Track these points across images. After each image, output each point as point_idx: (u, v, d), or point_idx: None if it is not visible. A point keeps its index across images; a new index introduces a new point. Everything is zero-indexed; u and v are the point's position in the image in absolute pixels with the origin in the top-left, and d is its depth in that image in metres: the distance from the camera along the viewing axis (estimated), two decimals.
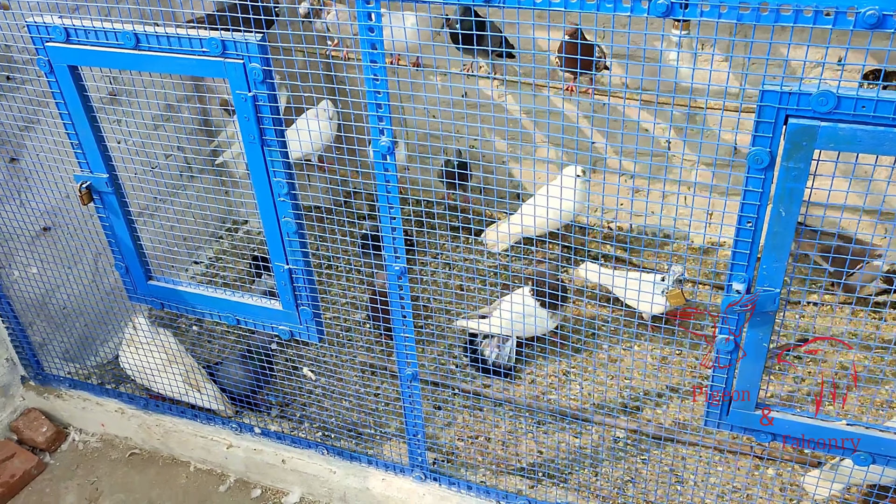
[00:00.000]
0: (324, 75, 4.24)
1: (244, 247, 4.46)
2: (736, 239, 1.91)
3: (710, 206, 3.99)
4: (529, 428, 3.28)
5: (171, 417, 3.38)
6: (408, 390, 2.75)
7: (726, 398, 2.20)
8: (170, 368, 3.21)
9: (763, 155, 1.76)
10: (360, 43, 2.02)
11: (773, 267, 1.89)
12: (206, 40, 2.13)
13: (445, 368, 3.59)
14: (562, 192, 3.56)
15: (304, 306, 2.63)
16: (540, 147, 4.22)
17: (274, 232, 2.47)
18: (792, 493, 2.96)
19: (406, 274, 2.45)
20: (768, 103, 1.69)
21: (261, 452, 3.22)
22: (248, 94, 2.17)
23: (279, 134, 2.25)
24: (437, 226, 4.34)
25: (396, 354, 2.67)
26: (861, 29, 1.54)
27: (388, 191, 2.28)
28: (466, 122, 4.08)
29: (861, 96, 1.62)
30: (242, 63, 2.13)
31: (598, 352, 3.63)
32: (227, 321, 2.80)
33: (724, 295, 2.00)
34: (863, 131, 1.65)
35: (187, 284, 2.84)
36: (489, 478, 3.02)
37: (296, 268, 2.53)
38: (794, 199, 1.78)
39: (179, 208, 4.03)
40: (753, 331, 2.03)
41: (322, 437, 3.22)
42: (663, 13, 1.66)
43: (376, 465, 3.09)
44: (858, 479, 2.59)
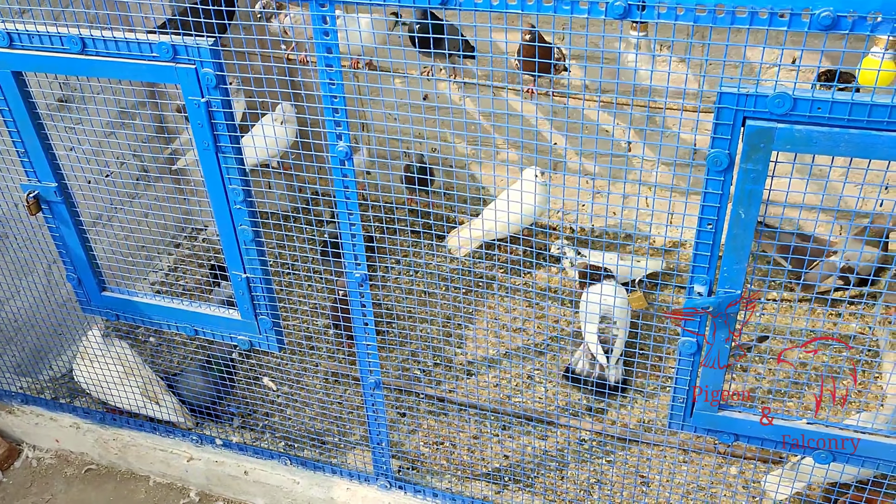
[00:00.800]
0: (280, 80, 4.19)
1: (204, 254, 4.38)
2: (696, 241, 1.91)
3: (671, 207, 4.02)
4: (495, 432, 3.26)
5: (128, 431, 3.29)
6: (371, 398, 2.71)
7: (691, 399, 2.21)
8: (127, 381, 3.13)
9: (722, 157, 1.76)
10: (314, 46, 1.98)
11: (734, 269, 1.89)
12: (157, 45, 2.08)
13: (410, 374, 3.56)
14: (522, 194, 3.55)
15: (262, 315, 2.58)
16: (500, 150, 4.21)
17: (230, 240, 2.41)
18: (755, 490, 2.98)
19: (367, 281, 2.41)
20: (726, 105, 1.69)
21: (222, 464, 3.16)
22: (202, 100, 2.12)
23: (234, 140, 2.20)
24: (400, 230, 4.31)
25: (359, 362, 2.63)
26: (816, 31, 1.54)
27: (346, 196, 2.24)
28: (426, 127, 4.06)
29: (816, 98, 1.62)
30: (194, 68, 2.08)
31: (562, 354, 3.62)
32: (185, 332, 2.74)
33: (686, 297, 2.00)
34: (818, 133, 1.65)
35: (142, 295, 2.77)
36: (455, 484, 3.00)
37: (254, 276, 2.48)
38: (753, 202, 1.78)
39: (135, 217, 3.95)
40: (715, 332, 2.03)
41: (285, 448, 3.17)
42: (620, 15, 1.65)
43: (340, 474, 3.04)
44: (819, 478, 2.62)
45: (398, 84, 4.15)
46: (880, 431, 2.11)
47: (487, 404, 3.31)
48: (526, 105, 4.05)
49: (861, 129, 1.62)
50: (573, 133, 3.80)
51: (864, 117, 1.61)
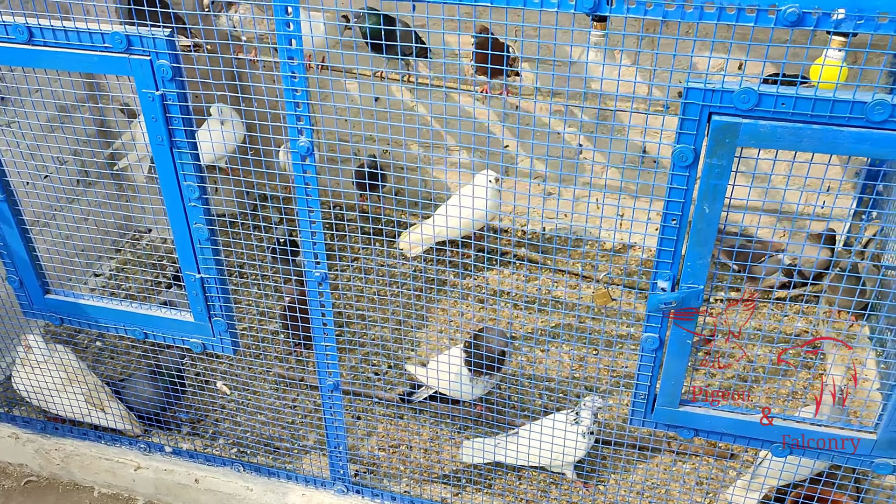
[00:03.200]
0: (228, 77, 4.10)
1: (148, 257, 4.25)
2: (661, 237, 1.93)
3: (621, 209, 4.07)
4: (452, 434, 3.24)
5: (72, 440, 3.16)
6: (329, 401, 2.66)
7: (651, 396, 2.22)
8: (70, 388, 3.00)
9: (687, 152, 1.77)
10: (276, 39, 1.93)
11: (698, 264, 1.91)
12: (109, 35, 2.00)
13: (364, 377, 3.51)
14: (474, 197, 3.54)
15: (217, 317, 2.51)
16: (453, 152, 4.20)
17: (184, 239, 2.34)
18: (709, 486, 3.02)
19: (326, 280, 2.36)
20: (692, 100, 1.71)
21: (172, 473, 3.05)
22: (156, 93, 2.05)
23: (189, 135, 2.13)
24: (352, 231, 4.26)
25: (317, 364, 2.58)
26: (782, 27, 1.57)
27: (307, 193, 2.19)
28: (376, 132, 4.02)
29: (781, 94, 1.65)
30: (149, 59, 2.01)
31: (518, 354, 3.62)
32: (135, 335, 2.64)
33: (649, 293, 2.01)
34: (782, 128, 1.68)
35: (90, 297, 2.66)
36: (412, 487, 2.96)
37: (208, 276, 2.41)
38: (718, 197, 1.80)
39: (78, 216, 3.80)
40: (677, 328, 2.04)
41: (237, 454, 3.09)
42: (590, 9, 1.65)
43: (296, 479, 2.98)
44: (782, 483, 2.67)
45: (350, 86, 4.11)
46: (832, 424, 2.15)
47: (443, 405, 3.29)
48: (478, 105, 4.05)
49: (823, 125, 1.66)
50: (525, 141, 3.81)
51: (826, 113, 1.64)
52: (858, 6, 1.52)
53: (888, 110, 1.59)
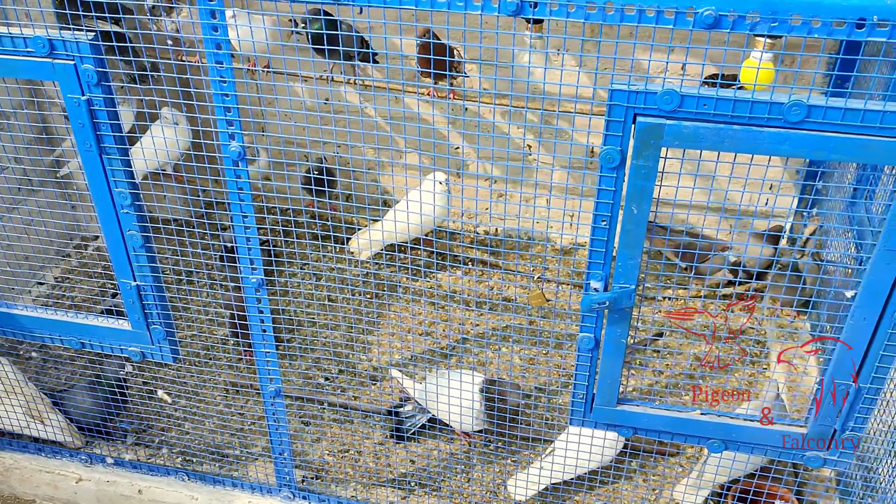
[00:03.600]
0: (170, 83, 4.05)
1: (94, 265, 4.18)
2: (592, 238, 1.94)
3: (569, 208, 4.09)
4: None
5: (10, 453, 3.09)
6: (271, 407, 2.63)
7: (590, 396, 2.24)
8: (7, 399, 2.94)
9: (614, 154, 1.79)
10: (203, 43, 1.91)
11: (628, 264, 1.93)
12: (31, 39, 1.96)
13: (313, 382, 3.48)
14: (421, 200, 3.54)
15: (155, 325, 2.47)
16: (402, 153, 4.20)
17: (118, 247, 2.30)
18: (654, 482, 3.06)
19: (264, 286, 2.34)
20: (617, 102, 1.73)
21: (114, 484, 3.00)
22: (82, 98, 2.01)
23: (119, 141, 2.10)
24: (301, 235, 4.23)
25: (258, 370, 2.56)
26: (700, 29, 1.59)
27: (240, 199, 2.17)
28: (319, 132, 4.00)
29: (702, 95, 1.68)
30: (74, 64, 1.97)
31: (468, 356, 3.63)
32: (71, 345, 2.59)
33: (583, 293, 2.03)
34: (705, 129, 1.71)
35: (23, 307, 2.60)
36: (360, 492, 2.95)
37: (144, 284, 2.37)
38: (645, 197, 1.82)
39: (18, 224, 3.72)
40: (612, 327, 2.06)
41: (183, 463, 3.04)
42: (513, 11, 1.66)
43: (241, 487, 2.95)
44: (723, 476, 2.70)
45: (297, 87, 4.08)
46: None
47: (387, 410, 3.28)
48: (426, 108, 4.05)
49: (744, 126, 1.68)
50: (473, 136, 3.82)
51: (746, 113, 1.67)
52: (772, 8, 1.54)
53: (804, 111, 1.62)
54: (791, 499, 2.68)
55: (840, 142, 1.64)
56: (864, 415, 2.01)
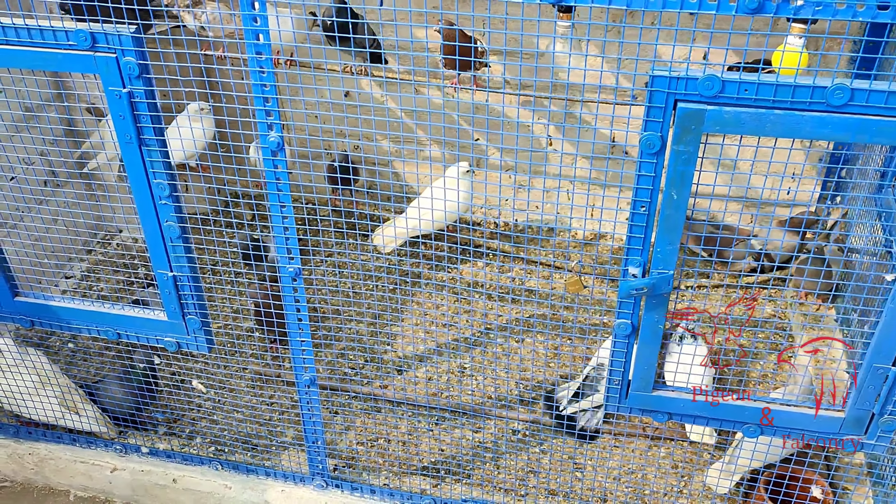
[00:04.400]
0: (202, 72, 4.07)
1: (120, 257, 4.21)
2: (630, 224, 1.95)
3: (591, 199, 4.10)
4: (429, 426, 3.25)
5: (45, 444, 3.13)
6: (306, 396, 2.66)
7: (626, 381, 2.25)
8: (42, 391, 2.97)
9: (655, 139, 1.80)
10: (244, 34, 1.92)
11: (667, 249, 1.94)
12: (74, 33, 1.98)
13: (341, 372, 3.51)
14: (445, 190, 3.54)
15: (191, 315, 2.50)
16: (424, 147, 4.21)
17: (156, 238, 2.33)
18: (684, 469, 3.07)
19: (301, 275, 2.36)
20: (658, 88, 1.73)
21: (149, 473, 3.04)
22: (123, 91, 2.03)
23: (158, 133, 2.12)
24: (324, 229, 4.26)
25: (293, 360, 2.58)
26: (743, 14, 1.60)
27: (278, 189, 2.19)
28: (347, 125, 4.02)
29: (744, 80, 1.68)
30: (115, 57, 1.99)
31: (492, 346, 3.64)
32: (108, 335, 2.62)
33: (620, 280, 2.04)
34: (746, 114, 1.72)
35: (60, 299, 2.64)
36: (392, 480, 2.98)
37: (181, 275, 2.39)
38: (685, 183, 1.83)
39: (44, 222, 3.75)
40: (649, 313, 2.07)
41: (215, 452, 3.08)
42: (555, 0, 1.67)
43: (274, 476, 2.98)
44: (756, 464, 2.71)
45: (319, 81, 4.09)
46: (801, 403, 2.20)
47: (420, 399, 3.30)
48: (448, 101, 4.06)
49: (785, 110, 1.69)
50: (493, 127, 3.82)
51: (788, 98, 1.67)
52: None
53: (847, 95, 1.63)
54: (824, 485, 2.69)
55: (883, 125, 1.65)
56: None
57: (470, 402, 3.32)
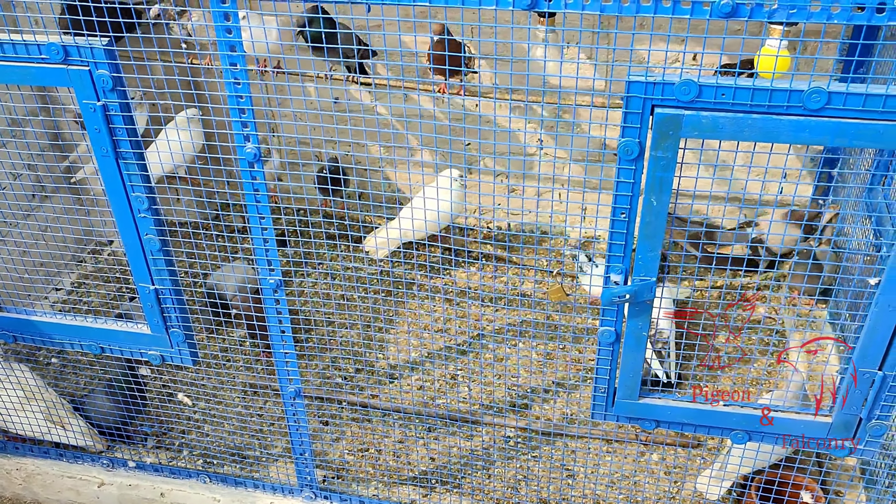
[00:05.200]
0: (184, 87, 4.05)
1: (110, 269, 4.19)
2: (611, 230, 1.93)
3: (584, 202, 4.08)
4: (420, 435, 3.23)
5: (32, 459, 3.11)
6: (291, 408, 2.64)
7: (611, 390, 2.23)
8: (28, 406, 2.95)
9: (632, 145, 1.78)
10: (217, 45, 1.91)
11: (648, 256, 1.92)
12: (45, 46, 1.96)
13: (331, 382, 3.49)
14: (438, 195, 3.53)
15: (174, 328, 2.48)
16: (415, 151, 4.19)
17: (136, 251, 2.31)
18: (676, 475, 3.04)
19: (282, 287, 2.34)
20: (635, 94, 1.71)
21: (137, 487, 3.02)
22: (97, 104, 2.01)
23: (135, 145, 2.10)
24: (315, 235, 4.24)
25: (277, 372, 2.56)
26: (717, 18, 1.57)
27: (257, 200, 2.17)
28: (330, 132, 4.00)
29: (720, 84, 1.66)
30: (88, 70, 1.97)
31: (484, 352, 3.62)
32: (91, 350, 2.60)
33: (602, 287, 2.02)
34: (724, 118, 1.69)
35: (42, 313, 2.62)
36: (382, 490, 2.95)
37: (162, 287, 2.37)
38: (664, 189, 1.80)
39: (34, 231, 3.73)
40: (633, 320, 2.05)
41: (203, 465, 3.05)
42: (528, 6, 1.65)
43: (263, 488, 2.95)
44: (746, 470, 2.68)
45: (310, 87, 4.08)
46: (790, 409, 2.17)
47: (412, 407, 3.28)
48: (438, 106, 4.04)
49: (763, 114, 1.67)
50: (484, 132, 3.80)
51: (765, 102, 1.65)
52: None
53: (824, 98, 1.60)
54: (816, 489, 2.66)
55: (861, 128, 1.62)
56: (891, 402, 1.99)
57: (461, 410, 3.29)
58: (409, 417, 3.27)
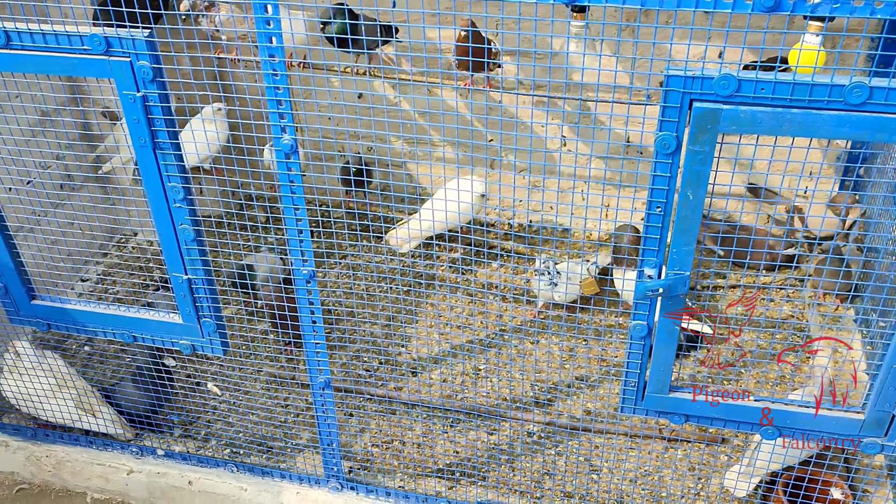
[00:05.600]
0: (215, 74, 4.09)
1: (135, 260, 4.23)
2: (645, 224, 1.94)
3: (606, 199, 4.08)
4: (444, 428, 3.25)
5: (62, 446, 3.15)
6: (320, 398, 2.66)
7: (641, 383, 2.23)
8: (59, 394, 2.99)
9: (670, 140, 1.78)
10: (256, 37, 1.92)
11: (683, 250, 1.92)
12: (88, 37, 1.99)
13: (355, 374, 3.51)
14: (458, 192, 3.53)
15: (205, 318, 2.50)
16: (437, 147, 4.20)
17: (170, 241, 2.33)
18: (701, 471, 3.05)
19: (314, 278, 2.36)
20: (673, 88, 1.72)
21: (165, 475, 3.05)
22: (137, 95, 2.04)
23: (172, 136, 2.12)
24: (339, 229, 4.26)
25: (307, 362, 2.58)
26: (759, 12, 1.58)
27: (292, 191, 2.19)
28: (355, 125, 4.02)
29: (760, 79, 1.66)
30: (129, 61, 2.00)
31: (508, 346, 3.63)
32: (123, 338, 2.63)
33: (636, 281, 2.02)
34: (763, 113, 1.70)
35: (77, 302, 2.65)
36: (407, 482, 2.97)
37: (196, 277, 2.40)
38: (701, 183, 1.81)
39: (63, 221, 3.78)
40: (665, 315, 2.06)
41: (230, 455, 3.08)
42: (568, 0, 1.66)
43: (290, 478, 2.98)
44: (775, 466, 2.68)
45: (332, 83, 4.10)
46: (820, 406, 2.17)
47: (437, 400, 3.29)
48: (461, 102, 4.05)
49: (803, 109, 1.67)
50: (507, 127, 3.81)
51: (805, 97, 1.65)
52: None
53: (865, 93, 1.60)
54: (844, 486, 2.66)
55: None
56: None
57: (485, 404, 3.30)
58: (433, 411, 3.29)
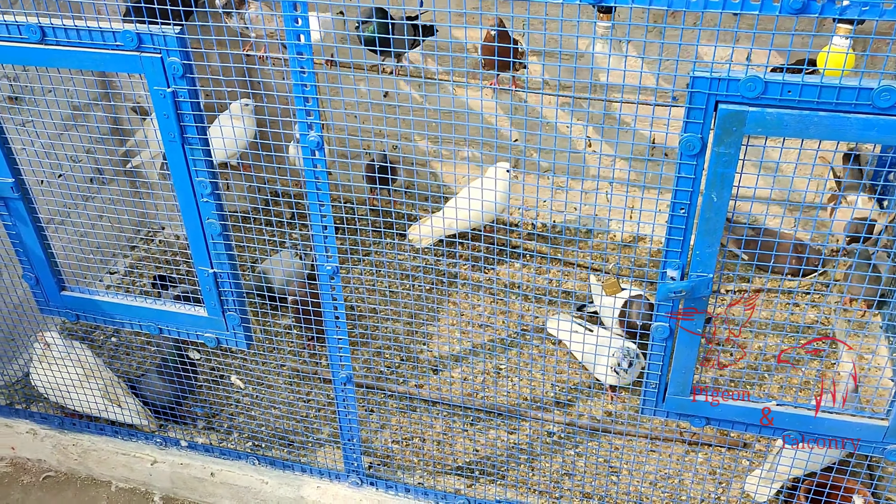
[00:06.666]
0: (244, 71, 4.13)
1: (162, 253, 4.29)
2: (669, 226, 1.93)
3: (630, 201, 4.07)
4: (464, 427, 3.26)
5: (89, 436, 3.20)
6: (342, 394, 2.68)
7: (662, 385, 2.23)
8: (87, 384, 3.04)
9: (695, 141, 1.78)
10: (285, 35, 1.95)
11: (707, 252, 1.92)
12: (120, 33, 2.02)
13: (376, 370, 3.53)
14: (482, 189, 3.54)
15: (230, 311, 2.53)
16: (461, 147, 4.21)
17: (197, 235, 2.37)
18: (722, 476, 3.03)
19: (338, 274, 2.38)
20: (699, 89, 1.72)
21: (188, 467, 3.09)
22: (167, 90, 2.07)
23: (201, 131, 2.15)
24: (362, 229, 4.28)
25: (329, 357, 2.60)
26: (787, 14, 1.57)
27: (317, 188, 2.21)
28: (385, 126, 4.04)
29: (787, 81, 1.66)
30: (160, 57, 2.03)
31: (529, 346, 3.63)
32: (149, 330, 2.67)
33: (658, 282, 2.02)
34: (789, 115, 1.69)
35: (105, 294, 2.70)
36: (426, 479, 2.98)
37: (221, 271, 2.43)
38: (726, 185, 1.81)
39: (90, 218, 3.84)
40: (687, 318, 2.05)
41: (252, 448, 3.12)
42: (595, 0, 1.66)
43: (310, 472, 3.00)
44: (798, 472, 2.66)
45: (358, 81, 4.12)
46: (844, 411, 2.16)
47: (457, 398, 3.30)
48: (487, 102, 4.05)
49: (830, 112, 1.66)
50: (532, 127, 3.82)
51: (832, 99, 1.64)
52: None
53: (894, 96, 1.59)
54: (866, 494, 2.63)
55: None
56: None
57: (505, 403, 3.31)
58: (453, 409, 3.30)
